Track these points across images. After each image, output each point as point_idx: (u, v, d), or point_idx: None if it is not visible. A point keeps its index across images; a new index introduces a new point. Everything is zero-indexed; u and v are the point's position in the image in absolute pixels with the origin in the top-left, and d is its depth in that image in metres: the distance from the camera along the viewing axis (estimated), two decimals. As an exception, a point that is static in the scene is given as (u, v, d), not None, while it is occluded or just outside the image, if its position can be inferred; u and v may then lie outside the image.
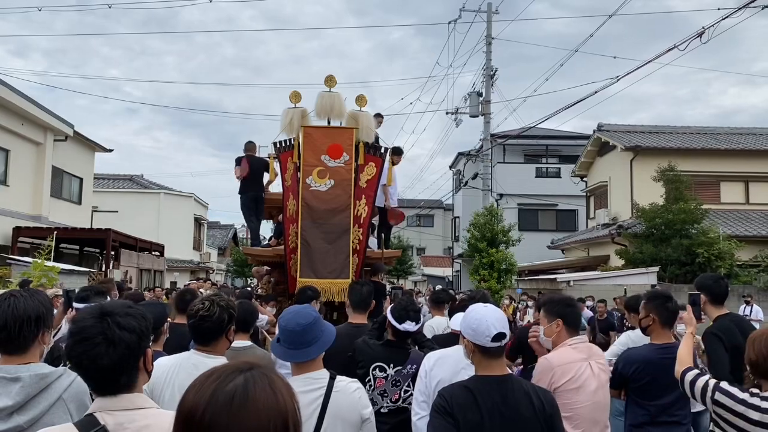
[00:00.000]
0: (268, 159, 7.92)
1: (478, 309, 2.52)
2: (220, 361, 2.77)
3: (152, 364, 1.72)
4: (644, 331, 3.70)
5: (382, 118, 9.72)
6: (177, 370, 2.71)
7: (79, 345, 1.59)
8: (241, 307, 3.57)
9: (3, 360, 2.10)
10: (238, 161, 8.53)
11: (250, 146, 8.77)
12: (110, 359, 1.58)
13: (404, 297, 5.32)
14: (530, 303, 12.80)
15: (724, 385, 2.68)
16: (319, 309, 4.17)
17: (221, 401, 1.07)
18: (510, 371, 2.63)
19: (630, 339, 4.97)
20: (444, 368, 3.33)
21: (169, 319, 3.74)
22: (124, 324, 1.62)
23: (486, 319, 2.44)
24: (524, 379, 2.74)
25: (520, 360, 4.97)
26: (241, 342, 3.55)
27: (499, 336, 2.41)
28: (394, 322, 3.68)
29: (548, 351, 3.26)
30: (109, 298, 4.45)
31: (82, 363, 1.59)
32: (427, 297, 14.85)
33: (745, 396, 2.57)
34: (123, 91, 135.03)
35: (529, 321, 9.79)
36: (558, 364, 3.04)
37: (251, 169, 8.38)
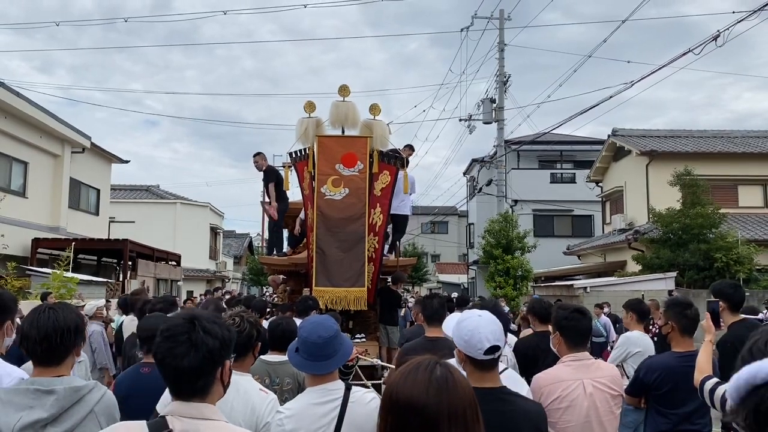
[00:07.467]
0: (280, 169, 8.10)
1: (471, 319, 2.35)
2: (247, 378, 2.83)
3: (230, 378, 1.76)
4: (665, 338, 3.68)
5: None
6: None
7: (165, 342, 1.66)
8: (279, 327, 3.63)
9: (37, 372, 2.16)
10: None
11: (257, 157, 8.96)
12: (190, 361, 1.63)
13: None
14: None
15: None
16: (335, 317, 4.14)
17: (436, 386, 1.42)
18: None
19: (629, 340, 4.99)
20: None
21: None
22: (210, 329, 1.68)
23: (479, 330, 2.26)
24: None
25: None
26: (277, 356, 3.58)
27: (493, 349, 2.26)
28: None
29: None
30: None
31: (165, 360, 1.65)
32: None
33: None
34: (144, 104, 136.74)
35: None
36: (545, 383, 2.97)
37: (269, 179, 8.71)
